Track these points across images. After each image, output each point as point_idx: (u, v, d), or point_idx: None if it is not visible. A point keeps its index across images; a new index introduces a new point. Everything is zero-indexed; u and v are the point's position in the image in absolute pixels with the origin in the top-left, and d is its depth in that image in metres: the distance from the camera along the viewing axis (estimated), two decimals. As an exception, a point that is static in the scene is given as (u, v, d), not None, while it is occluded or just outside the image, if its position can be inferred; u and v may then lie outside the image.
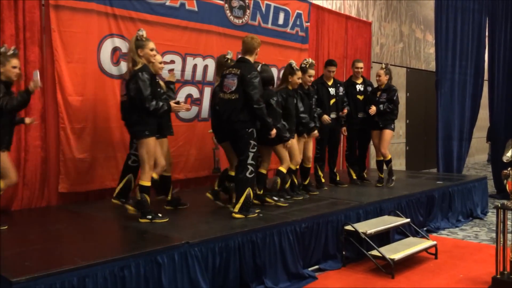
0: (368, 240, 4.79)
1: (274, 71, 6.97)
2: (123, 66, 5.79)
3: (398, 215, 5.56)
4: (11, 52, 4.17)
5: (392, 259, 4.59)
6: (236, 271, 3.94)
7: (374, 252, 4.76)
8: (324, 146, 6.50)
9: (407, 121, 11.91)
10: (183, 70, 6.40)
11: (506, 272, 4.17)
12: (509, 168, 4.28)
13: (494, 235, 5.49)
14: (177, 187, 5.63)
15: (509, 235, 4.28)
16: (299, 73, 5.47)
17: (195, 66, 6.52)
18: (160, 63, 4.99)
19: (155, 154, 4.47)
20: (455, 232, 6.44)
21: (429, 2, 12.07)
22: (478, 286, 4.32)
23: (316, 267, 4.72)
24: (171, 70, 5.82)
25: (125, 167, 5.07)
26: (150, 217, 4.37)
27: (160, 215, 4.45)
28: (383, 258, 4.66)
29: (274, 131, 4.77)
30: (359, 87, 6.90)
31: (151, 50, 4.48)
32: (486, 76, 9.62)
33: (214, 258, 3.78)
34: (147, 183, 4.38)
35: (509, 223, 4.25)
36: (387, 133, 6.71)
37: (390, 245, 5.18)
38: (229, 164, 5.25)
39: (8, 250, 3.46)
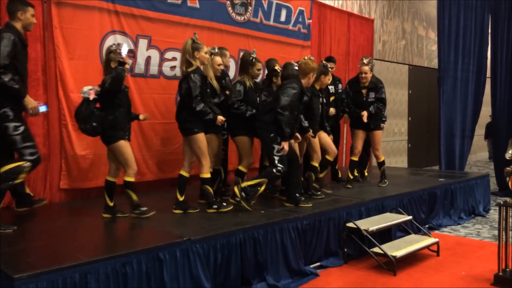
0: (370, 237, 4.79)
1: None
2: (125, 63, 5.81)
3: (400, 212, 5.55)
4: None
5: (394, 256, 4.59)
6: (238, 268, 3.94)
7: (376, 249, 4.76)
8: None
9: (409, 118, 11.90)
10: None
11: (508, 269, 4.17)
12: (511, 165, 4.27)
13: (496, 232, 5.48)
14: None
15: (511, 232, 4.27)
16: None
17: (196, 63, 6.50)
18: (219, 65, 5.16)
19: (207, 149, 4.73)
20: (457, 230, 6.44)
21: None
22: (480, 284, 4.32)
23: (318, 264, 4.72)
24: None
25: None
26: (216, 206, 4.67)
27: (224, 204, 4.72)
28: (385, 255, 4.66)
29: (287, 146, 4.79)
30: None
31: (206, 53, 4.76)
32: (488, 74, 9.59)
33: (215, 254, 3.78)
34: (207, 175, 4.70)
35: (511, 220, 4.23)
36: (379, 133, 6.47)
37: (392, 242, 5.18)
38: (238, 159, 5.43)
39: (10, 246, 3.47)
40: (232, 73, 6.78)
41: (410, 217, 5.57)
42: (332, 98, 6.46)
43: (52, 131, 5.27)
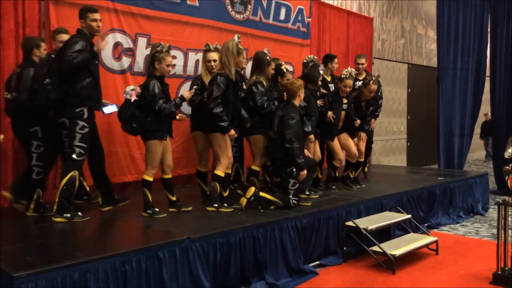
0: (369, 236, 4.79)
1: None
2: (125, 61, 5.81)
3: (399, 211, 5.56)
4: (166, 49, 4.48)
5: (393, 255, 4.59)
6: (237, 267, 3.94)
7: (375, 248, 4.76)
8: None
9: (408, 117, 11.91)
10: (185, 65, 6.39)
11: (507, 268, 4.18)
12: (510, 164, 4.27)
13: (495, 231, 5.50)
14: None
15: (510, 231, 4.28)
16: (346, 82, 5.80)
17: (197, 61, 6.50)
18: (209, 61, 5.08)
19: (227, 147, 4.81)
20: (456, 228, 6.44)
21: (431, -2, 12.06)
22: (479, 282, 4.32)
23: (317, 262, 4.73)
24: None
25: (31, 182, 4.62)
26: (216, 205, 4.71)
27: (226, 204, 4.75)
28: (384, 253, 4.66)
29: (304, 172, 4.94)
30: (359, 83, 6.76)
31: (244, 58, 4.97)
32: (487, 72, 9.60)
33: (215, 253, 3.78)
34: (221, 173, 4.74)
35: (510, 219, 4.24)
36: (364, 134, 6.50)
37: (391, 241, 5.19)
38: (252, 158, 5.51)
39: (9, 245, 3.47)
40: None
41: (409, 215, 5.57)
42: None
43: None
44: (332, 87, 6.45)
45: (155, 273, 3.40)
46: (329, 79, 6.48)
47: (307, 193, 5.38)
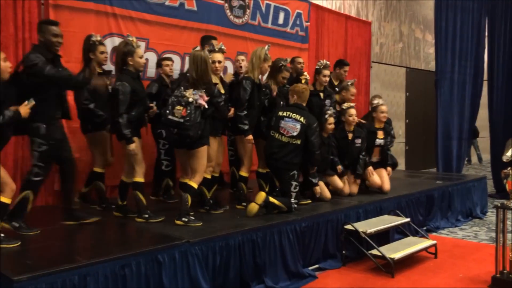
0: (368, 239, 4.80)
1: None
2: (123, 65, 5.80)
3: (398, 215, 5.57)
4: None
5: (392, 259, 4.60)
6: (236, 270, 3.94)
7: (374, 252, 4.77)
8: None
9: (407, 120, 11.93)
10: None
11: (505, 271, 4.18)
12: (508, 168, 4.29)
13: (493, 234, 5.51)
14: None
15: (508, 235, 4.29)
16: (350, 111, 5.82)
17: (195, 65, 6.50)
18: (213, 62, 4.79)
19: (252, 151, 5.07)
20: (454, 232, 6.45)
21: (428, 2, 12.08)
22: (478, 285, 4.33)
23: (316, 266, 4.73)
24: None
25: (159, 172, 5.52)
26: (244, 204, 4.88)
27: (244, 204, 4.89)
28: (383, 257, 4.66)
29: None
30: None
31: (269, 66, 5.13)
32: (485, 76, 9.62)
33: (214, 257, 3.78)
34: (245, 174, 5.05)
35: (508, 222, 4.25)
36: None
37: (390, 244, 5.19)
38: (258, 161, 5.50)
39: (9, 248, 3.45)
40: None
41: (408, 219, 5.58)
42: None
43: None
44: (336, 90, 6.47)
45: (154, 276, 3.40)
46: (336, 83, 6.50)
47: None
